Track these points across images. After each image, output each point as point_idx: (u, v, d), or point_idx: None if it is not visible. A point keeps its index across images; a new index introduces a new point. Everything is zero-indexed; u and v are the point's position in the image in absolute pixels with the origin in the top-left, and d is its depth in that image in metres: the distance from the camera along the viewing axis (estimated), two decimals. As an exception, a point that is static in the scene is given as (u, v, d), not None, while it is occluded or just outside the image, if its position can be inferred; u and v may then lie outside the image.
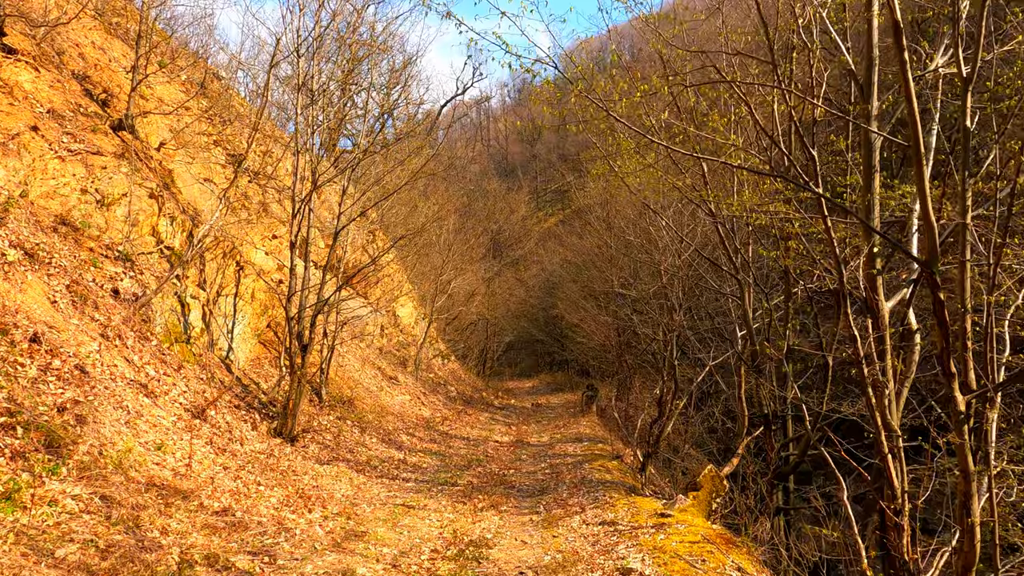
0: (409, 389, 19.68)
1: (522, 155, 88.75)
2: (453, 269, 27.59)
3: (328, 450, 11.52)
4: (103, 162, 11.24)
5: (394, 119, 38.52)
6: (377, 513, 8.43)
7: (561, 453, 14.07)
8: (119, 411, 7.66)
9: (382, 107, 32.16)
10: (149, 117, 14.34)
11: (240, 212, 16.47)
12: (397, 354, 23.81)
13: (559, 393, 31.22)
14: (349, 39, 14.12)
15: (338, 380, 14.99)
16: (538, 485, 10.83)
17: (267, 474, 8.87)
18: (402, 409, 17.09)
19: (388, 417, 15.35)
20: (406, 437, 14.40)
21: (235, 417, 10.44)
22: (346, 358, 17.56)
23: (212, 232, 11.41)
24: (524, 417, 21.71)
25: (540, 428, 18.73)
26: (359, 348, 19.89)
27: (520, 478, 11.52)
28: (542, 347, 46.48)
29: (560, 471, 11.88)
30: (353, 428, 13.33)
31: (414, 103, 37.55)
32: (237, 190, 17.09)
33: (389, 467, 11.66)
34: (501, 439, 16.56)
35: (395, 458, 12.43)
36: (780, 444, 9.12)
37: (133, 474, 6.81)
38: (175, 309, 11.28)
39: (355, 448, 12.21)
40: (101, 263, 10.12)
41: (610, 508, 8.18)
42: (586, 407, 20.74)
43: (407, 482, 10.75)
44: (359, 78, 17.02)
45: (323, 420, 12.89)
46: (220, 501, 7.25)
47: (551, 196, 75.47)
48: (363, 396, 15.52)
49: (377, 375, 18.57)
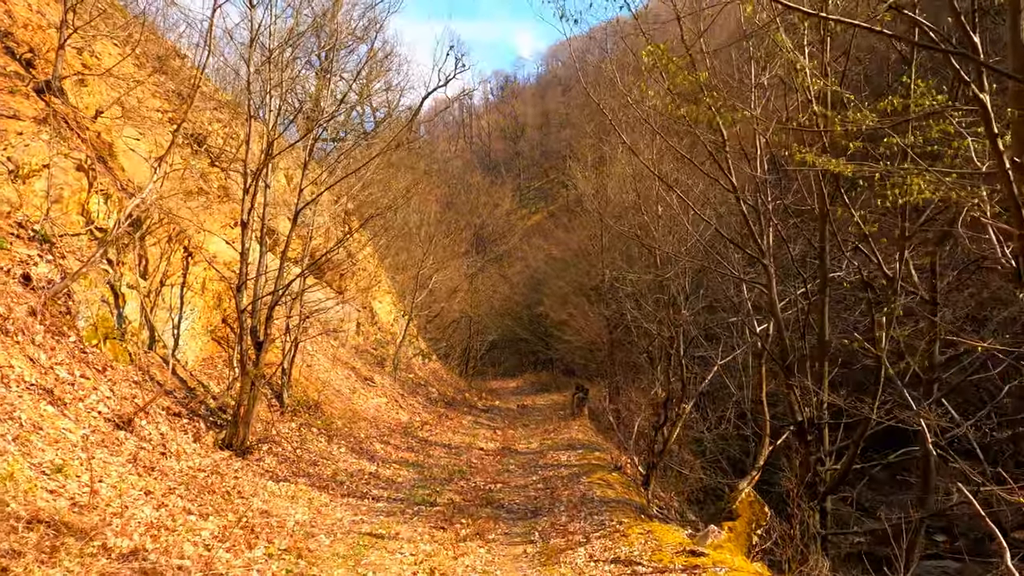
0: (386, 391, 18.11)
1: (505, 152, 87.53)
2: (434, 263, 26.01)
3: (287, 464, 9.94)
4: (19, 127, 9.57)
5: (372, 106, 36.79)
6: (337, 547, 6.88)
7: (554, 463, 12.59)
8: (6, 424, 6.06)
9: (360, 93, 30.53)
10: (91, 87, 12.69)
11: (198, 196, 14.84)
12: (374, 353, 22.22)
13: (545, 394, 29.85)
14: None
15: (304, 382, 13.40)
16: (530, 504, 9.34)
17: (204, 497, 7.29)
18: (377, 413, 15.52)
19: (360, 423, 13.78)
20: (380, 446, 12.85)
21: (173, 427, 8.83)
22: (315, 357, 15.96)
23: (148, 208, 9.79)
24: (510, 420, 20.22)
25: (528, 433, 17.25)
26: (331, 346, 18.29)
27: (509, 494, 10.02)
28: (526, 346, 45.15)
29: (555, 486, 10.40)
30: (319, 436, 11.75)
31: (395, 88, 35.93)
32: (195, 171, 15.49)
33: (358, 482, 10.10)
34: (486, 446, 15.05)
35: (366, 471, 10.88)
36: (816, 457, 7.77)
37: (13, 507, 5.23)
38: (107, 300, 9.63)
39: (319, 460, 10.64)
40: (10, 244, 8.47)
41: (622, 539, 6.71)
42: (577, 409, 19.29)
43: (378, 501, 9.20)
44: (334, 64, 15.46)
45: (283, 428, 11.30)
46: (131, 539, 5.68)
47: (535, 194, 74.24)
48: (332, 399, 13.94)
49: (350, 376, 16.98)
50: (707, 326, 13.13)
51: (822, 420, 8.04)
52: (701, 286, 13.05)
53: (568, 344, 32.34)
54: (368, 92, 29.60)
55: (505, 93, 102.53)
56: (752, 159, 8.92)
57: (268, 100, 9.73)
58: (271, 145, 9.32)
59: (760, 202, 8.77)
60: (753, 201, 8.87)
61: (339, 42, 12.46)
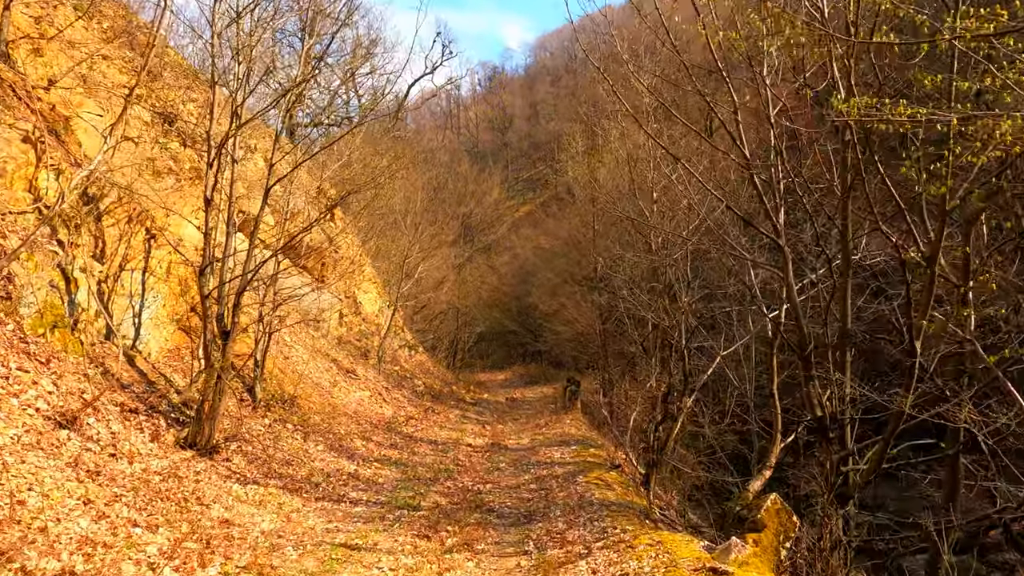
0: (369, 384, 17.27)
1: (493, 143, 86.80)
2: (421, 251, 25.13)
3: (256, 464, 9.10)
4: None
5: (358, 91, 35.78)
6: (305, 562, 6.06)
7: (547, 460, 11.83)
8: (-87, 424, 5.20)
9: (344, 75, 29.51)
10: (48, 57, 11.74)
11: (167, 177, 13.91)
12: (358, 344, 21.33)
13: (534, 386, 29.19)
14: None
15: (279, 374, 12.54)
16: (523, 507, 8.55)
17: (155, 506, 6.45)
18: (359, 408, 14.68)
19: (340, 418, 12.94)
20: (361, 443, 12.02)
21: (127, 425, 7.97)
22: (293, 349, 15.08)
23: (102, 183, 8.88)
24: (499, 414, 19.45)
25: (518, 427, 16.49)
26: (311, 337, 17.40)
27: (500, 496, 9.24)
28: (514, 338, 44.50)
29: (549, 486, 9.63)
30: (294, 433, 10.91)
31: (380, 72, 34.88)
32: (165, 151, 14.56)
33: (335, 484, 9.28)
34: (474, 442, 14.27)
35: (344, 471, 10.06)
36: (839, 456, 7.03)
37: (-89, 524, 4.40)
38: (56, 285, 8.73)
39: (293, 460, 9.80)
40: (-60, 221, 7.56)
41: (628, 551, 5.93)
42: (569, 403, 18.54)
43: (356, 505, 8.39)
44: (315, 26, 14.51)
45: (255, 424, 10.45)
46: (59, 559, 4.85)
47: (523, 185, 73.48)
48: (310, 393, 13.08)
49: (331, 368, 16.12)
50: (707, 315, 12.36)
51: (845, 415, 7.31)
52: (700, 274, 12.27)
53: (558, 336, 31.66)
54: (353, 71, 28.61)
55: (493, 84, 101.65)
56: (766, 125, 8.15)
57: (235, 65, 8.82)
58: (237, 112, 8.42)
59: (775, 177, 8.01)
60: (767, 176, 8.12)
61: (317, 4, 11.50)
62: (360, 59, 30.17)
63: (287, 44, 29.15)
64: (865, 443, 7.82)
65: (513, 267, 46.98)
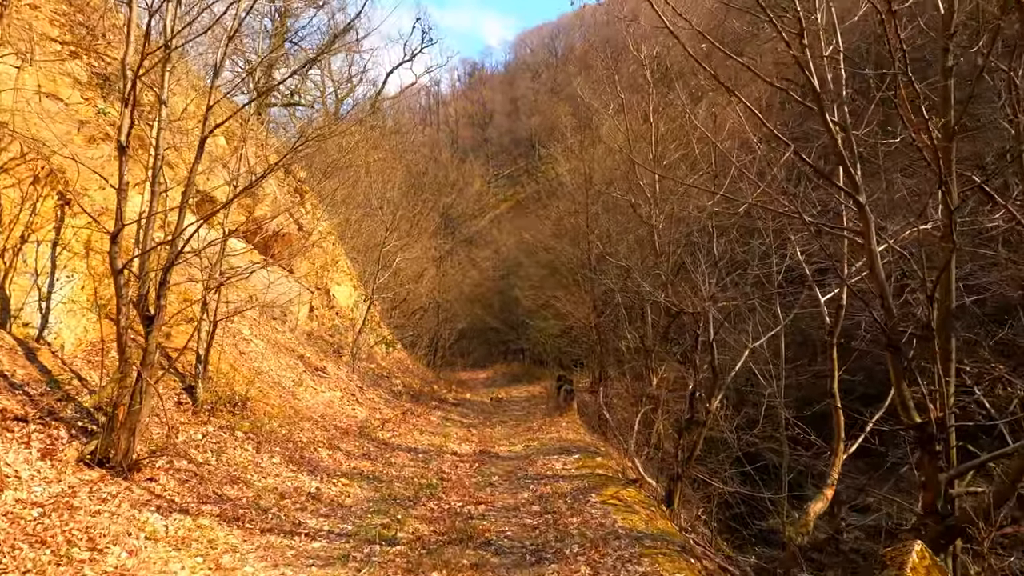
0: (341, 383, 15.36)
1: (473, 139, 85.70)
2: (399, 240, 23.20)
3: (189, 485, 7.19)
4: None
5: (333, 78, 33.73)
6: (228, 641, 4.21)
7: (548, 472, 10.03)
8: None
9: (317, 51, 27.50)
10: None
11: (102, 144, 11.95)
12: (330, 340, 19.37)
13: (519, 385, 27.54)
14: None
15: (229, 371, 10.59)
16: (529, 539, 6.73)
17: (18, 555, 4.55)
18: (327, 411, 12.78)
19: (304, 423, 11.04)
20: (327, 452, 10.14)
21: (8, 438, 6.04)
22: (252, 343, 13.13)
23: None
24: (485, 416, 17.64)
25: (509, 431, 14.69)
26: (276, 331, 15.45)
27: (497, 522, 7.41)
28: (496, 335, 42.96)
29: (557, 508, 7.82)
30: (244, 443, 8.99)
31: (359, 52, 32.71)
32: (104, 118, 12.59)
33: (289, 509, 7.40)
34: (460, 449, 12.45)
35: (303, 490, 8.18)
36: (949, 476, 5.34)
37: None
38: (-73, 257, 6.78)
39: (239, 477, 7.90)
40: None
41: (692, 618, 4.15)
42: (564, 403, 16.76)
43: (314, 539, 6.52)
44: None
45: (195, 433, 8.52)
46: None
47: (504, 181, 72.05)
48: (268, 394, 11.15)
49: (296, 366, 14.17)
50: (733, 301, 10.63)
51: (948, 421, 5.61)
52: (725, 254, 10.53)
53: (542, 332, 30.07)
54: (327, 49, 26.53)
55: (473, 80, 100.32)
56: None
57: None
58: (168, 45, 6.50)
59: (848, 119, 6.31)
60: (839, 117, 6.43)
61: None
62: (334, 36, 28.07)
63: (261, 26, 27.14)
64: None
65: (495, 262, 45.39)
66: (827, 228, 7.00)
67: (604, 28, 54.36)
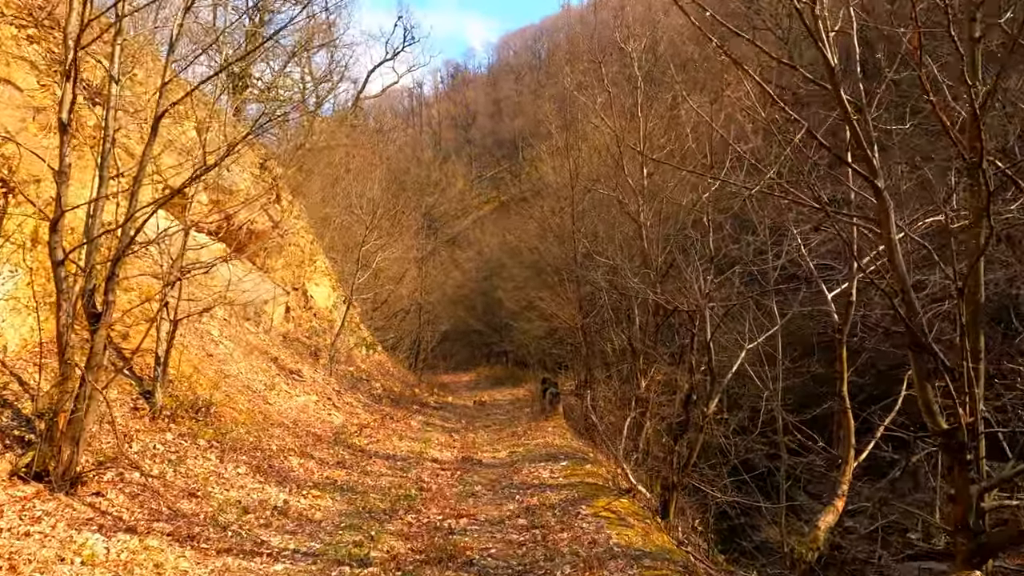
0: (317, 387, 14.68)
1: (456, 140, 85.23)
2: (379, 238, 22.51)
3: (141, 499, 6.51)
4: None
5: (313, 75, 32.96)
6: None
7: (534, 481, 9.44)
8: None
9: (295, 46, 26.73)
10: None
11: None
12: (307, 342, 18.65)
13: (502, 388, 26.99)
14: None
15: (193, 374, 9.88)
16: (515, 558, 6.13)
17: (-82, 592, 3.87)
18: (301, 416, 12.10)
19: (274, 430, 10.36)
20: (298, 461, 9.48)
21: (-74, 450, 5.34)
22: (221, 345, 12.42)
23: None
24: (468, 420, 17.03)
25: (492, 437, 14.10)
26: (248, 332, 14.73)
27: (480, 538, 6.81)
28: (479, 338, 42.35)
29: (545, 522, 7.23)
30: (207, 452, 8.31)
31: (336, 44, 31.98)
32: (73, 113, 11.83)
33: (253, 525, 6.74)
34: (441, 455, 11.83)
35: (270, 503, 7.52)
36: (980, 488, 4.87)
37: None
38: None
39: (199, 490, 7.23)
40: None
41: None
42: (550, 406, 16.19)
43: (277, 560, 5.88)
44: None
45: (151, 442, 7.83)
46: None
47: (487, 183, 71.51)
48: (236, 398, 10.45)
49: (269, 369, 13.47)
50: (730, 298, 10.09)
51: (978, 427, 5.13)
52: (720, 248, 10.01)
53: (526, 334, 29.55)
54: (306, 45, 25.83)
55: (456, 81, 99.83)
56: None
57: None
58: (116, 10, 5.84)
59: (864, 97, 5.84)
60: (853, 95, 5.96)
61: None
62: (313, 31, 27.34)
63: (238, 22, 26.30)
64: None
65: (478, 263, 44.80)
66: (841, 216, 6.48)
67: (590, 23, 54.09)
